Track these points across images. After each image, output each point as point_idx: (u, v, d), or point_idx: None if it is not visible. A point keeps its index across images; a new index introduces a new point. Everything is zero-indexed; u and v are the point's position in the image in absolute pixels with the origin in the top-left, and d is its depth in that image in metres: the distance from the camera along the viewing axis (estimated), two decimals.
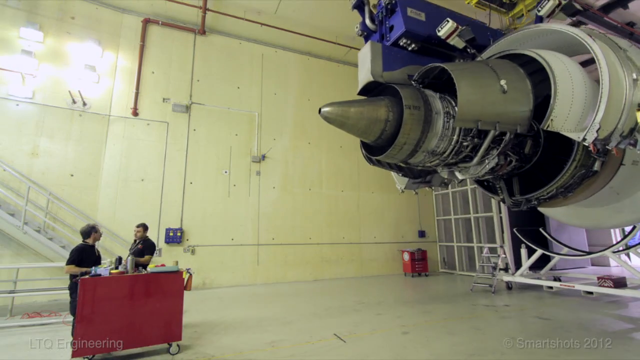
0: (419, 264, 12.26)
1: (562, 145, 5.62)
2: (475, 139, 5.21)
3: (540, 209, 9.60)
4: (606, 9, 10.24)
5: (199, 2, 11.14)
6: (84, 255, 4.93)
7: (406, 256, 12.36)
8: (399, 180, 7.82)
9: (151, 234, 9.68)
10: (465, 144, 5.21)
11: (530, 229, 9.93)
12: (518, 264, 9.99)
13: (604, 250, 7.79)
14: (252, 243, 10.99)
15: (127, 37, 10.48)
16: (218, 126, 11.24)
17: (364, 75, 5.57)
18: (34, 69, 9.11)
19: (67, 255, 7.69)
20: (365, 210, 13.16)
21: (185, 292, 4.93)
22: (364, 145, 5.88)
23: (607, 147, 4.60)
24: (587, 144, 4.51)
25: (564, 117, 4.63)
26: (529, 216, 12.29)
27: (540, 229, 9.70)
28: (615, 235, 14.36)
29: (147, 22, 10.71)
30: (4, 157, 8.47)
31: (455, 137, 5.15)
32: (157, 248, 9.03)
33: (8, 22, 9.12)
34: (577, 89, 4.67)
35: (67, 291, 5.00)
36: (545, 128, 4.71)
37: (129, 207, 9.66)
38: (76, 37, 9.80)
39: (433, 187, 7.97)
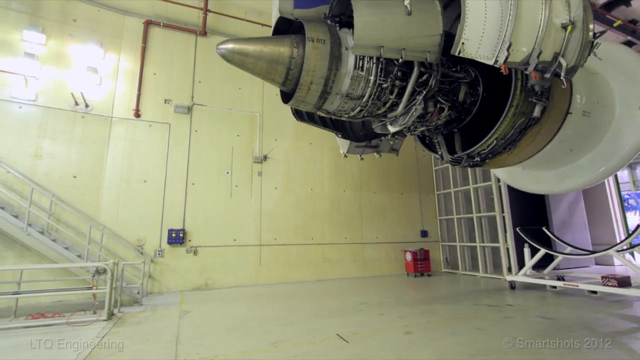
0: (421, 264, 12.23)
1: (505, 95, 5.17)
2: (397, 81, 4.79)
3: (492, 170, 9.62)
4: (608, 6, 10.19)
5: (200, 3, 11.17)
6: None
7: (408, 256, 12.33)
8: (341, 144, 7.37)
9: (154, 235, 9.81)
10: (385, 86, 4.77)
11: (534, 228, 9.88)
12: (521, 264, 9.94)
13: (608, 249, 7.74)
14: (254, 244, 11.00)
15: (129, 39, 10.52)
16: (220, 127, 11.26)
17: (274, 14, 5.11)
18: (37, 72, 9.16)
19: (70, 256, 7.75)
20: (367, 211, 13.14)
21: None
22: (283, 94, 5.35)
23: (525, 71, 4.29)
24: (498, 66, 4.11)
25: (477, 41, 4.12)
26: (533, 215, 12.24)
27: (544, 228, 9.65)
28: (619, 234, 14.27)
29: (148, 23, 10.75)
30: (7, 159, 8.52)
31: (372, 78, 4.66)
32: (159, 249, 9.12)
33: (11, 25, 9.18)
34: (491, 6, 4.10)
35: (70, 292, 4.95)
36: (456, 53, 4.18)
37: (131, 208, 9.70)
38: (78, 39, 9.85)
39: (380, 153, 7.46)
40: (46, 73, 9.33)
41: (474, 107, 5.70)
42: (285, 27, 5.16)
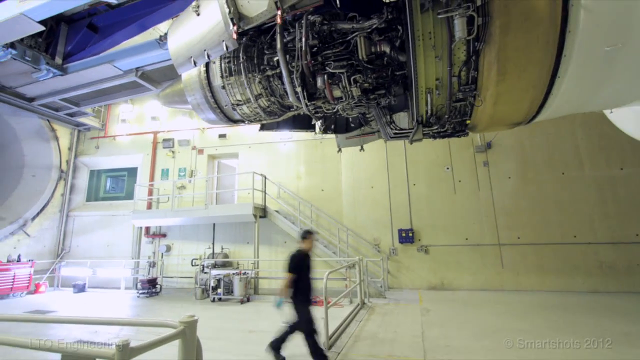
0: None
1: None
2: (270, 70, 4.88)
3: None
4: None
5: None
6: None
7: None
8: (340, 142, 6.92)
9: (386, 235, 10.61)
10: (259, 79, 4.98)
11: None
12: None
13: None
14: (490, 243, 9.66)
15: None
16: None
17: None
18: None
19: (327, 251, 9.61)
20: None
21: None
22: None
23: None
24: None
25: None
26: None
27: None
28: None
29: None
30: (282, 182, 11.86)
31: (244, 79, 5.00)
32: (393, 247, 9.65)
33: None
34: None
35: (333, 279, 5.66)
36: None
37: (365, 211, 10.99)
38: None
39: (388, 139, 5.70)
40: None
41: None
42: None
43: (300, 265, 4.51)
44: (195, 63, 4.37)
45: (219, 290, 9.08)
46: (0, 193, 12.49)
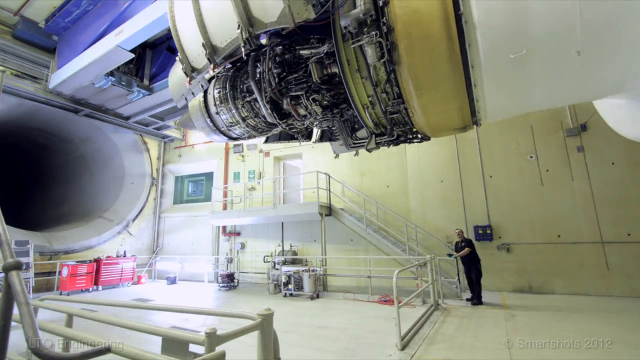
0: None
1: None
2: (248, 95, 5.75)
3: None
4: None
5: None
6: None
7: None
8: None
9: None
10: (242, 103, 5.76)
11: None
12: None
13: None
14: (590, 240, 8.32)
15: None
16: None
17: None
18: None
19: (395, 249, 9.30)
20: None
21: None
22: None
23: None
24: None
25: None
26: None
27: None
28: None
29: None
30: (346, 180, 11.81)
31: (231, 106, 5.84)
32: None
33: None
34: None
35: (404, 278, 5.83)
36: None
37: (434, 207, 10.36)
38: None
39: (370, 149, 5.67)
40: None
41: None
42: None
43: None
44: (186, 99, 6.02)
45: (290, 286, 9.42)
46: (109, 199, 14.81)
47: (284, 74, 5.04)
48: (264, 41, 4.67)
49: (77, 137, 14.70)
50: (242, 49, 4.22)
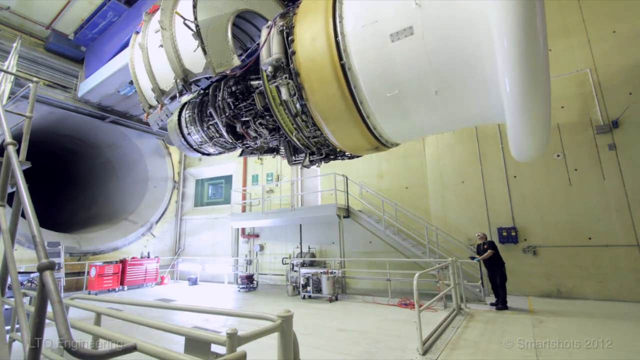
0: None
1: None
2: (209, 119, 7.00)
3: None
4: None
5: None
6: None
7: None
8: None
9: None
10: (206, 126, 7.04)
11: None
12: None
13: None
14: (624, 243, 7.87)
15: None
16: None
17: None
18: None
19: (415, 251, 9.13)
20: None
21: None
22: None
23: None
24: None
25: None
26: None
27: None
28: None
29: None
30: (364, 182, 11.72)
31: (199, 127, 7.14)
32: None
33: None
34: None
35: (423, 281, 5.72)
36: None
37: (456, 209, 10.10)
38: None
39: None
40: None
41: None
42: None
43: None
44: (157, 124, 7.14)
45: (309, 288, 9.41)
46: (133, 202, 15.34)
47: (237, 102, 6.10)
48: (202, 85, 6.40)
49: (104, 143, 15.33)
50: (177, 94, 5.81)
